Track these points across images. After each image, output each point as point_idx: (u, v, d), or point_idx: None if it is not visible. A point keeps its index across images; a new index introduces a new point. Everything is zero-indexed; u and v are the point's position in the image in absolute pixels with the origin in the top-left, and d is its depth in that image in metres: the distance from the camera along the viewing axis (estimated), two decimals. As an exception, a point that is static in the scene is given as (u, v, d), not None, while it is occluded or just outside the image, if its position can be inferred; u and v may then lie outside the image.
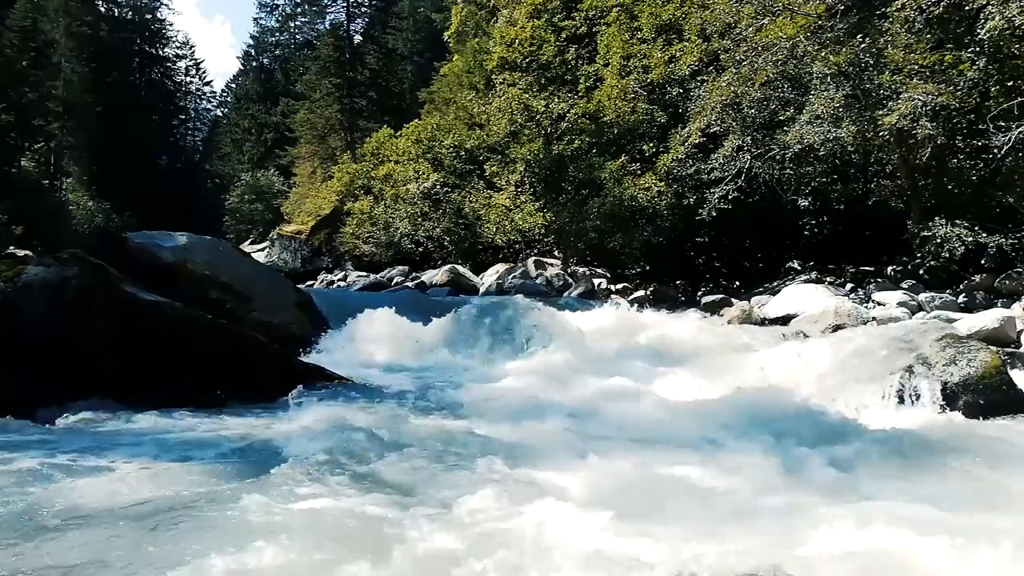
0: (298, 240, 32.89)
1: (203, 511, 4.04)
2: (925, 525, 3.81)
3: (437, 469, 4.92)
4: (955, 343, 7.63)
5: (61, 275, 7.05)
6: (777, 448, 5.48)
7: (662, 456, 5.29)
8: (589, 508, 4.07)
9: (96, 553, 3.49)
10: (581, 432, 6.07)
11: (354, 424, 6.23)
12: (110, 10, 47.32)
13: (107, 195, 32.02)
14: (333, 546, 3.56)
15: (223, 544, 3.55)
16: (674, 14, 18.94)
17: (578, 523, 3.82)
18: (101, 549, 3.53)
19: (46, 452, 5.18)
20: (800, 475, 4.99)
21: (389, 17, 47.72)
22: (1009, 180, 13.08)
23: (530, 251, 20.73)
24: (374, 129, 32.33)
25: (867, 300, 12.97)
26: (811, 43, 14.05)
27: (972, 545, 3.49)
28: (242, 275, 11.95)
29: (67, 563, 3.38)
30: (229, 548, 3.49)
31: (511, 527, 3.85)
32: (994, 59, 12.37)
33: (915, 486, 4.75)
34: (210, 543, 3.58)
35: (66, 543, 3.60)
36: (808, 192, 15.43)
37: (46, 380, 6.53)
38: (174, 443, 5.48)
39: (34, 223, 17.06)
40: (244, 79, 55.78)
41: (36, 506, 4.09)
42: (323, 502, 4.22)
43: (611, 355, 10.09)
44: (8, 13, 23.73)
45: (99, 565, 3.37)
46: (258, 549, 3.47)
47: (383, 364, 10.28)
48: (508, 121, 19.84)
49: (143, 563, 3.38)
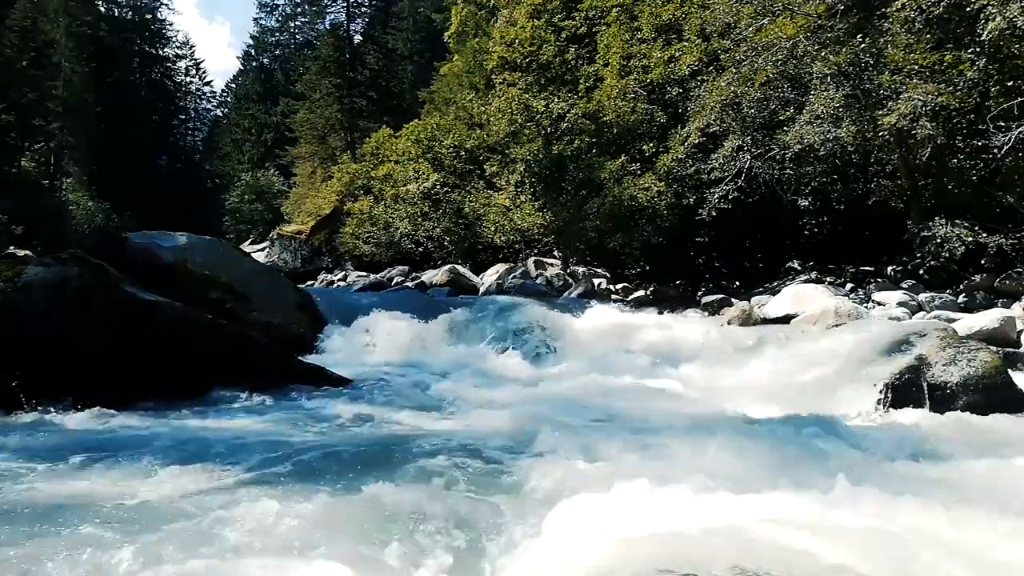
0: (298, 240, 32.88)
1: (202, 511, 4.04)
2: (925, 524, 3.81)
3: (437, 469, 4.91)
4: (955, 343, 7.64)
5: (61, 275, 7.05)
6: (778, 448, 5.48)
7: (663, 456, 5.29)
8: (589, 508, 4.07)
9: (96, 551, 3.49)
10: (581, 431, 6.06)
11: (354, 424, 6.24)
12: (110, 10, 47.32)
13: (107, 195, 32.00)
14: (331, 546, 3.56)
15: (221, 542, 3.55)
16: (674, 14, 18.93)
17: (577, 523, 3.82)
18: (101, 547, 3.53)
19: (46, 452, 5.18)
20: (800, 475, 4.98)
21: (389, 17, 47.71)
22: (1009, 180, 13.07)
23: (530, 251, 20.73)
24: (374, 129, 32.32)
25: (867, 300, 12.97)
26: (811, 43, 14.04)
27: (972, 545, 3.49)
28: (242, 275, 11.97)
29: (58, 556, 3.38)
30: (227, 547, 3.49)
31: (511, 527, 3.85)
32: (994, 59, 12.36)
33: (915, 485, 4.75)
34: (207, 543, 3.58)
35: (64, 541, 3.60)
36: (808, 192, 15.41)
37: (46, 379, 6.53)
38: (174, 442, 5.48)
39: (34, 223, 17.04)
40: (244, 79, 55.77)
41: (36, 506, 4.09)
42: (322, 502, 4.23)
43: (611, 355, 10.09)
44: (8, 13, 23.72)
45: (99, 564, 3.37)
46: (255, 549, 3.47)
47: (383, 364, 10.29)
48: (508, 121, 19.83)
49: (142, 561, 3.38)
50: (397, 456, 5.13)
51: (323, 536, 3.68)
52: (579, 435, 5.92)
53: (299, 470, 4.83)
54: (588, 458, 5.16)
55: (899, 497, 4.31)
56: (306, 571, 3.30)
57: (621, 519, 3.79)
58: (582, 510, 3.95)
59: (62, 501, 4.17)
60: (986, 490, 4.65)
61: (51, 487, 4.43)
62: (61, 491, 4.35)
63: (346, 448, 5.31)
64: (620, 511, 3.83)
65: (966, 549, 3.46)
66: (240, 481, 4.61)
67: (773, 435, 5.77)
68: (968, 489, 4.66)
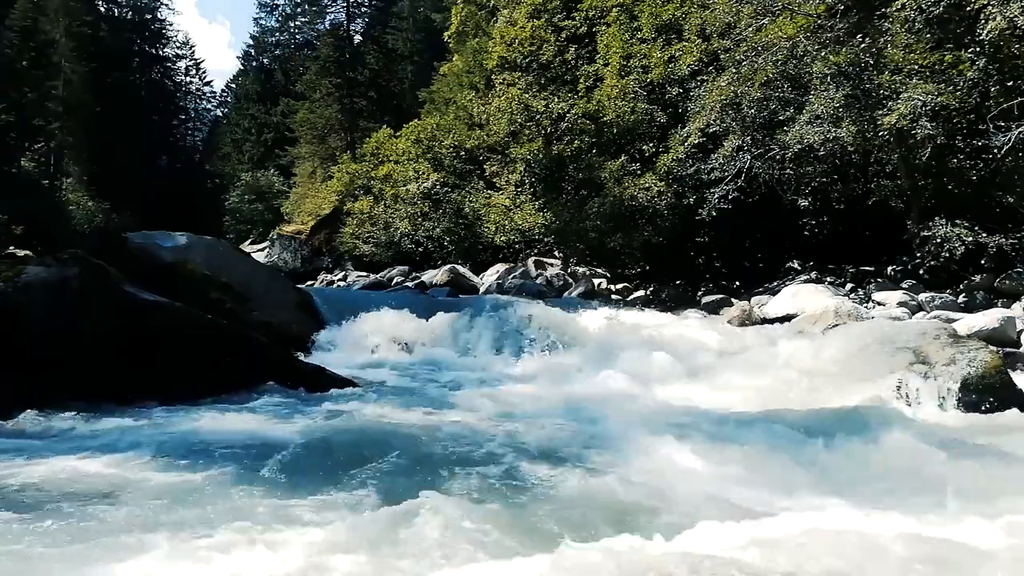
0: (298, 240, 32.88)
1: (202, 511, 4.04)
2: (925, 523, 3.81)
3: (436, 469, 4.91)
4: (955, 343, 7.64)
5: (61, 275, 7.05)
6: (778, 448, 5.48)
7: (663, 456, 5.29)
8: (588, 507, 4.07)
9: (93, 547, 3.49)
10: (581, 431, 6.06)
11: (353, 424, 6.24)
12: (110, 10, 47.21)
13: (107, 195, 31.93)
14: (331, 545, 3.56)
15: (216, 542, 3.55)
16: (674, 14, 18.93)
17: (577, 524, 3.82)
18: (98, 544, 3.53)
19: (45, 451, 5.18)
20: (801, 474, 4.99)
21: (389, 17, 47.66)
22: (1009, 180, 13.06)
23: (530, 251, 20.72)
24: (374, 129, 32.28)
25: (867, 300, 12.97)
26: (811, 43, 14.05)
27: (973, 544, 3.49)
28: (242, 275, 11.98)
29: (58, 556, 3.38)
30: (222, 546, 3.49)
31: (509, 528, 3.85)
32: (994, 59, 12.36)
33: (916, 484, 4.75)
34: (203, 541, 3.58)
35: (63, 540, 3.60)
36: (808, 192, 15.41)
37: (46, 379, 6.53)
38: (173, 442, 5.48)
39: (34, 223, 17.02)
40: (244, 79, 55.72)
41: (36, 506, 4.09)
42: (321, 501, 4.23)
43: (611, 355, 10.08)
44: (8, 13, 23.68)
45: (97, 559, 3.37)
46: (251, 548, 3.47)
47: (383, 364, 10.30)
48: (508, 121, 19.83)
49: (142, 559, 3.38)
50: (396, 455, 5.13)
51: (322, 535, 3.68)
52: (580, 435, 5.92)
53: (299, 470, 4.83)
54: (588, 458, 5.17)
55: (900, 495, 4.30)
56: (307, 569, 3.30)
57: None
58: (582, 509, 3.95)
59: (62, 501, 4.17)
60: (986, 489, 4.64)
61: (51, 487, 4.43)
62: (61, 491, 4.35)
63: (347, 448, 5.30)
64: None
65: (967, 548, 3.47)
66: (239, 480, 4.61)
67: (773, 435, 5.76)
68: (968, 488, 4.63)
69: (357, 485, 4.54)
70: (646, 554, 3.34)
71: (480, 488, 4.54)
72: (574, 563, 3.22)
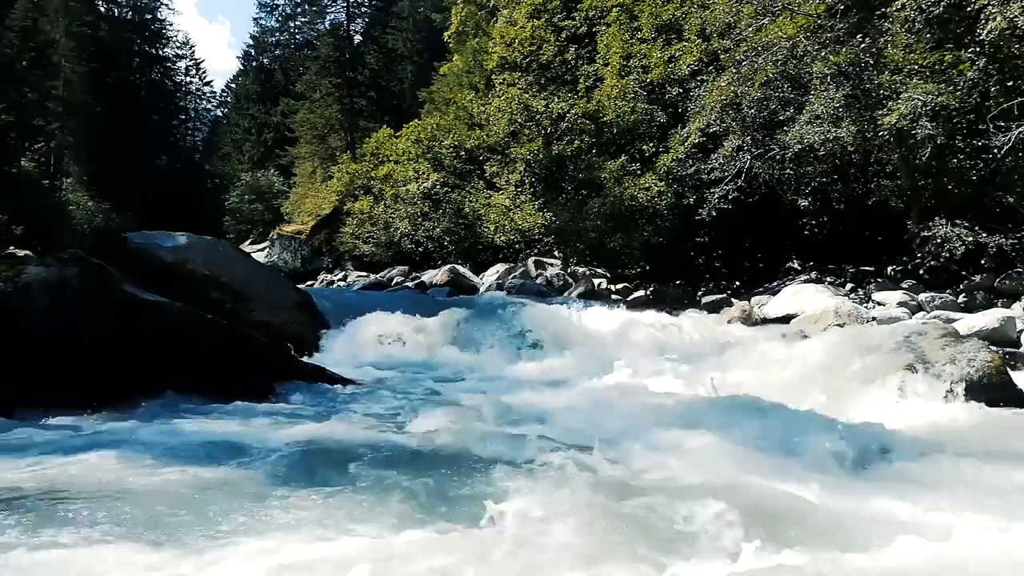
0: (298, 240, 32.88)
1: (202, 510, 4.04)
2: (924, 521, 3.81)
3: (435, 469, 4.91)
4: (955, 343, 7.64)
5: (61, 275, 7.05)
6: (778, 447, 5.48)
7: (664, 455, 5.29)
8: (588, 507, 4.07)
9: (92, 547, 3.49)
10: (582, 432, 6.06)
11: (354, 424, 6.24)
12: (110, 10, 47.22)
13: (107, 195, 31.91)
14: (329, 545, 3.56)
15: (217, 542, 3.55)
16: (674, 14, 18.94)
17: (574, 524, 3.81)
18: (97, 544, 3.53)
19: (45, 452, 5.18)
20: (800, 473, 4.98)
21: (389, 17, 47.66)
22: (1009, 180, 13.07)
23: (530, 251, 20.71)
24: (374, 129, 32.30)
25: (867, 300, 12.98)
26: (811, 43, 14.06)
27: (973, 544, 3.49)
28: (242, 275, 11.99)
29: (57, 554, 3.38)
30: (222, 547, 3.49)
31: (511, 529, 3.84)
32: (994, 59, 12.36)
33: (916, 483, 4.75)
34: (205, 542, 3.58)
35: (62, 539, 3.60)
36: (808, 192, 15.42)
37: (46, 379, 6.52)
38: (172, 442, 5.47)
39: (34, 223, 17.00)
40: (244, 79, 55.71)
41: (36, 505, 4.09)
42: (322, 501, 4.23)
43: (611, 355, 10.09)
44: (8, 13, 23.68)
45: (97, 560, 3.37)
46: (248, 547, 3.47)
47: (383, 364, 10.30)
48: (508, 121, 19.83)
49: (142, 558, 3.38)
50: (396, 455, 5.13)
51: (320, 535, 3.68)
52: (580, 435, 5.92)
53: (299, 469, 4.82)
54: (590, 457, 5.16)
55: (900, 494, 4.29)
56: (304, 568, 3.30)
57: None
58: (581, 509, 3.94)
59: (62, 502, 4.16)
60: (986, 488, 4.64)
61: (51, 488, 4.43)
62: (61, 492, 4.35)
63: (347, 448, 5.30)
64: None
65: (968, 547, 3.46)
66: (240, 480, 4.61)
67: (773, 434, 5.76)
68: (969, 487, 4.64)
69: (357, 485, 4.54)
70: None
71: (482, 488, 4.54)
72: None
